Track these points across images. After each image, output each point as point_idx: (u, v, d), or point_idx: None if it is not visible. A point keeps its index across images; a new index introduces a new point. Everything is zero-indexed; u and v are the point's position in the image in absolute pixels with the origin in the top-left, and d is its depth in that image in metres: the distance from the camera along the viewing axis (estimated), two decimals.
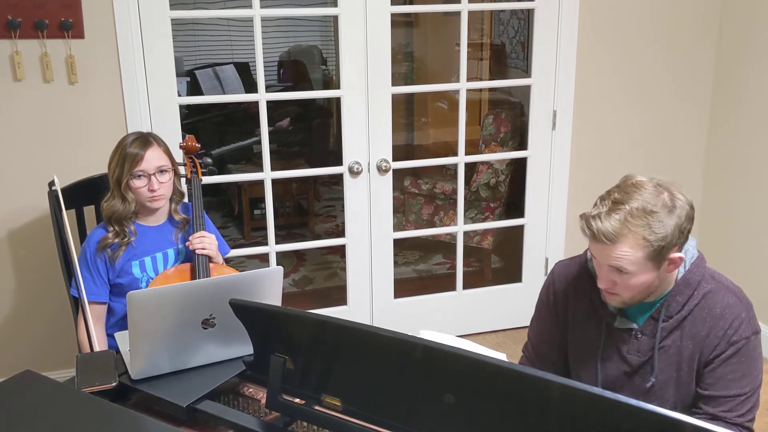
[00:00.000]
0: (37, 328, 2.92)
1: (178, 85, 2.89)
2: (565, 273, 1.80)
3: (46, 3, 2.59)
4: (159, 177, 2.18)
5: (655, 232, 1.49)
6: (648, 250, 1.50)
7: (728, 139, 3.40)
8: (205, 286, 1.67)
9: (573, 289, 1.76)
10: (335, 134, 6.09)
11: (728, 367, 1.61)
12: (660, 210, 1.50)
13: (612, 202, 1.52)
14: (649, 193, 1.51)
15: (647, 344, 1.66)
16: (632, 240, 1.49)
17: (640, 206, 1.49)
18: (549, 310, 1.83)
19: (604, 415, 1.08)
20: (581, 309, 1.75)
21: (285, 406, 1.41)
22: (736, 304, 1.61)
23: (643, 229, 1.48)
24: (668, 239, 1.50)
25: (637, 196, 1.51)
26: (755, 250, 3.27)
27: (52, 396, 1.35)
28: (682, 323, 1.63)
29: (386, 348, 1.26)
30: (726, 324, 1.59)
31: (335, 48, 6.30)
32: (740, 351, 1.60)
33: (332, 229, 5.12)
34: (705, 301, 1.61)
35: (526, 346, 1.92)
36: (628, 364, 1.69)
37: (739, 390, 1.61)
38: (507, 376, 1.15)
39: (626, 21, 3.25)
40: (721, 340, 1.60)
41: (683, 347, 1.63)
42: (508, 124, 4.05)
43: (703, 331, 1.61)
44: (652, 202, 1.50)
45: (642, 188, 1.52)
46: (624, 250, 1.50)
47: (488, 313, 3.53)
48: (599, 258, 1.56)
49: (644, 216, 1.49)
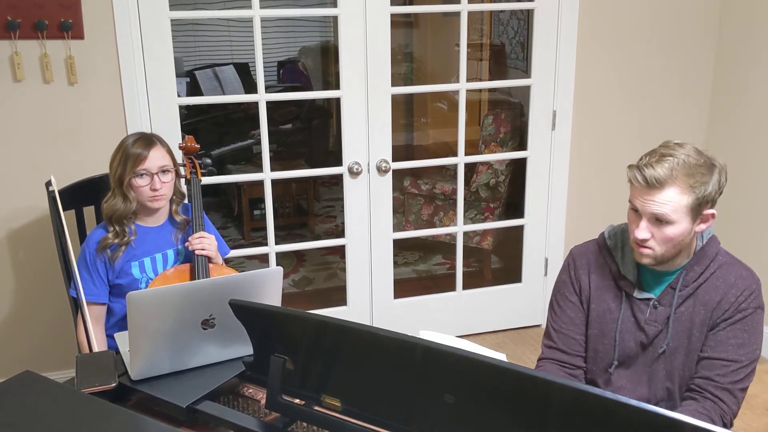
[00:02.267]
0: (37, 329, 2.92)
1: (177, 85, 2.89)
2: (583, 251, 1.89)
3: (45, 3, 2.59)
4: (161, 177, 2.18)
5: (700, 182, 1.61)
6: (691, 198, 1.61)
7: (728, 139, 3.40)
8: (205, 286, 1.67)
9: (594, 262, 1.85)
10: (335, 135, 6.09)
11: (731, 332, 1.69)
12: (703, 165, 1.63)
13: (660, 155, 1.64)
14: (693, 151, 1.64)
15: (664, 314, 1.74)
16: (680, 186, 1.61)
17: (686, 159, 1.62)
18: (571, 288, 1.88)
19: (604, 415, 1.08)
20: (601, 282, 1.83)
21: (285, 406, 1.41)
22: (749, 276, 1.72)
23: (690, 178, 1.61)
24: (709, 191, 1.62)
25: (682, 151, 1.64)
26: (755, 250, 3.27)
27: (52, 396, 1.35)
28: (697, 291, 1.72)
29: (386, 348, 1.26)
30: (738, 292, 1.69)
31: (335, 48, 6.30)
32: (745, 319, 1.69)
33: (332, 230, 5.12)
34: (720, 271, 1.72)
35: (547, 334, 1.91)
36: (645, 334, 1.76)
37: (736, 356, 1.68)
38: (507, 376, 1.15)
39: (626, 21, 3.25)
40: (731, 305, 1.69)
41: (695, 313, 1.71)
42: (507, 125, 4.05)
43: (717, 296, 1.70)
44: (696, 157, 1.63)
45: (685, 147, 1.66)
46: (671, 195, 1.61)
47: (488, 313, 3.53)
48: (644, 206, 1.64)
49: (690, 167, 1.61)
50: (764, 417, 2.84)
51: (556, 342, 1.88)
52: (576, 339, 1.86)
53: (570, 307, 1.87)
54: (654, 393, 1.78)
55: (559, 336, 1.88)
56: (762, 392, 2.97)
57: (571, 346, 1.86)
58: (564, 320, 1.88)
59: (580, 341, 1.86)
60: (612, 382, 1.81)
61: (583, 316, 1.86)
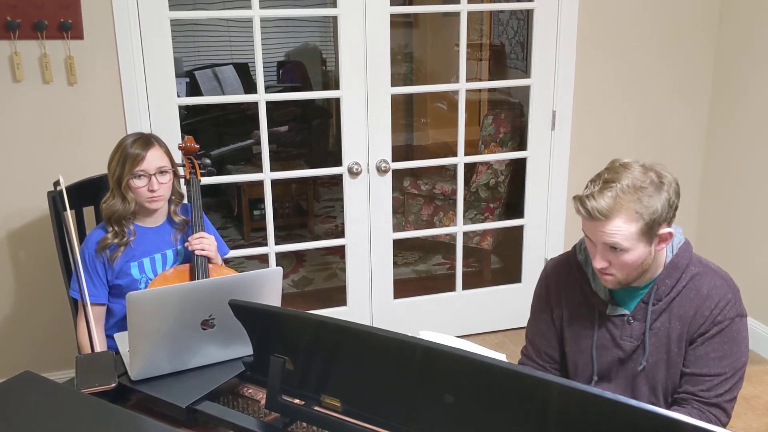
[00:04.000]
0: (37, 329, 2.92)
1: (177, 85, 2.89)
2: (557, 266, 1.86)
3: (45, 4, 2.59)
4: (159, 178, 2.18)
5: (646, 206, 1.55)
6: (640, 223, 1.55)
7: (727, 140, 3.40)
8: (205, 286, 1.67)
9: (565, 280, 1.81)
10: (335, 135, 6.09)
11: (710, 346, 1.65)
12: (649, 186, 1.56)
13: (603, 182, 1.58)
14: (638, 172, 1.58)
15: (639, 329, 1.70)
16: (625, 214, 1.55)
17: (630, 183, 1.56)
18: (543, 304, 1.87)
19: (603, 415, 1.08)
20: (574, 299, 1.79)
21: (284, 406, 1.41)
22: (722, 285, 1.66)
23: (635, 204, 1.54)
24: (659, 213, 1.56)
25: (626, 174, 1.57)
26: (754, 250, 3.27)
27: (52, 397, 1.35)
28: (671, 305, 1.67)
29: (386, 349, 1.26)
30: (712, 304, 1.64)
31: (334, 49, 6.30)
32: (723, 331, 1.64)
33: (332, 230, 5.12)
34: (692, 282, 1.66)
35: (525, 346, 1.95)
36: (622, 349, 1.73)
37: (718, 370, 1.64)
38: (506, 376, 1.15)
39: (625, 21, 3.25)
40: (706, 319, 1.64)
41: (672, 328, 1.68)
42: (507, 125, 4.05)
43: (690, 311, 1.65)
44: (641, 179, 1.56)
45: (630, 168, 1.59)
46: (618, 224, 1.55)
47: (488, 313, 3.53)
48: (594, 237, 1.60)
49: (635, 191, 1.55)
50: (764, 417, 2.84)
51: (529, 351, 1.91)
52: (548, 353, 1.87)
53: (542, 323, 1.87)
54: None
55: (533, 346, 1.90)
56: (763, 393, 2.97)
57: (544, 358, 1.88)
58: (537, 334, 1.89)
59: (552, 354, 1.87)
60: None
61: (555, 331, 1.85)
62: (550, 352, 1.87)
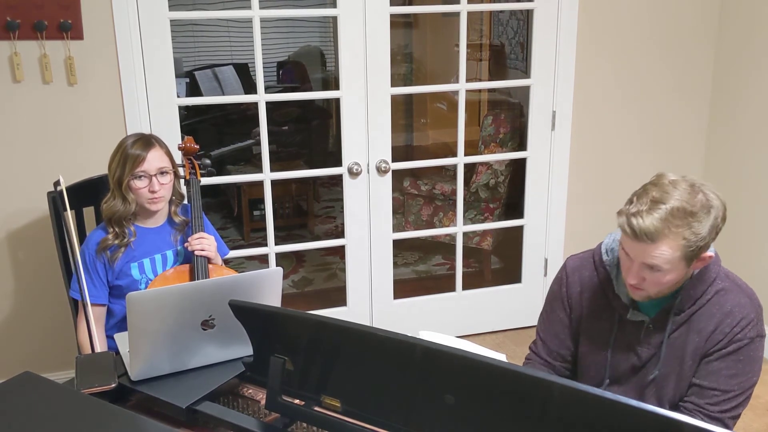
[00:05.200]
0: (37, 330, 2.92)
1: (177, 86, 2.89)
2: (578, 266, 1.82)
3: (45, 4, 2.59)
4: (160, 178, 2.17)
5: (695, 233, 1.50)
6: (686, 250, 1.51)
7: (727, 140, 3.40)
8: (205, 287, 1.67)
9: (587, 282, 1.78)
10: (334, 135, 6.09)
11: (725, 362, 1.63)
12: (699, 211, 1.50)
13: (651, 201, 1.51)
14: (687, 193, 1.51)
15: (658, 337, 1.68)
16: (673, 241, 1.50)
17: (680, 206, 1.49)
18: (561, 304, 1.83)
19: (603, 415, 1.08)
20: (594, 301, 1.77)
21: (284, 407, 1.41)
22: (747, 304, 1.63)
23: (685, 230, 1.49)
24: (705, 240, 1.52)
25: (675, 195, 1.51)
26: (755, 250, 3.27)
27: (52, 397, 1.35)
28: (691, 318, 1.65)
29: (386, 349, 1.26)
30: (734, 322, 1.61)
31: (334, 49, 6.30)
32: (740, 350, 1.61)
33: (332, 230, 5.12)
34: (717, 297, 1.63)
35: (535, 342, 1.92)
36: (638, 356, 1.71)
37: (727, 387, 1.63)
38: (507, 376, 1.15)
39: (625, 21, 3.25)
40: (726, 335, 1.61)
41: (689, 341, 1.65)
42: (507, 125, 4.05)
43: (711, 326, 1.63)
44: (691, 203, 1.50)
45: (678, 187, 1.52)
46: (663, 249, 1.50)
47: (488, 313, 3.53)
48: (635, 256, 1.55)
49: (685, 216, 1.49)
50: (764, 417, 2.84)
51: (539, 350, 1.89)
52: (560, 353, 1.85)
53: (557, 322, 1.84)
54: None
55: (544, 345, 1.88)
56: (763, 393, 2.97)
57: (554, 357, 1.86)
58: (549, 333, 1.86)
59: (565, 355, 1.85)
60: None
61: (569, 332, 1.83)
62: (563, 353, 1.85)
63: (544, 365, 1.87)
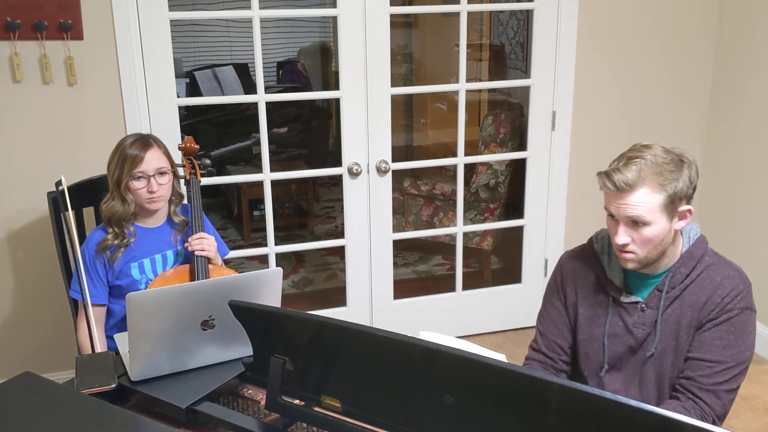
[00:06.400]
0: (37, 330, 2.92)
1: (177, 86, 2.89)
2: (572, 256, 1.91)
3: (45, 4, 2.59)
4: (158, 179, 2.17)
5: (668, 179, 1.62)
6: (663, 195, 1.62)
7: (727, 140, 3.40)
8: (205, 287, 1.67)
9: (580, 270, 1.86)
10: (334, 135, 6.09)
11: (716, 333, 1.68)
12: (671, 162, 1.64)
13: (627, 159, 1.65)
14: (661, 150, 1.66)
15: (652, 316, 1.74)
16: (650, 185, 1.61)
17: (654, 160, 1.64)
18: (557, 293, 1.90)
19: (603, 415, 1.08)
20: (588, 286, 1.83)
21: (284, 407, 1.41)
22: (736, 276, 1.70)
23: (659, 176, 1.62)
24: (680, 187, 1.63)
25: (649, 152, 1.65)
26: (753, 249, 3.27)
27: (52, 397, 1.35)
28: (684, 292, 1.71)
29: (386, 349, 1.26)
30: (724, 292, 1.68)
31: (334, 49, 6.31)
32: (731, 320, 1.67)
33: (331, 231, 5.12)
34: (707, 271, 1.71)
35: (534, 339, 1.96)
36: (634, 337, 1.76)
37: (720, 357, 1.67)
38: (507, 376, 1.15)
39: (625, 22, 3.25)
40: (717, 306, 1.68)
41: (682, 314, 1.71)
42: (507, 125, 4.05)
43: (703, 297, 1.69)
44: (663, 156, 1.65)
45: (652, 147, 1.67)
46: (642, 195, 1.62)
47: (488, 314, 3.53)
48: (618, 211, 1.66)
49: (659, 165, 1.63)
50: (764, 417, 2.84)
51: (539, 344, 1.93)
52: (558, 343, 1.89)
53: (554, 312, 1.90)
54: (646, 396, 1.78)
55: (543, 339, 1.92)
56: (763, 393, 2.97)
57: (554, 349, 1.89)
58: (548, 324, 1.91)
59: (563, 345, 1.89)
60: (604, 385, 1.81)
61: (567, 321, 1.88)
62: (561, 343, 1.88)
63: (543, 361, 1.90)
